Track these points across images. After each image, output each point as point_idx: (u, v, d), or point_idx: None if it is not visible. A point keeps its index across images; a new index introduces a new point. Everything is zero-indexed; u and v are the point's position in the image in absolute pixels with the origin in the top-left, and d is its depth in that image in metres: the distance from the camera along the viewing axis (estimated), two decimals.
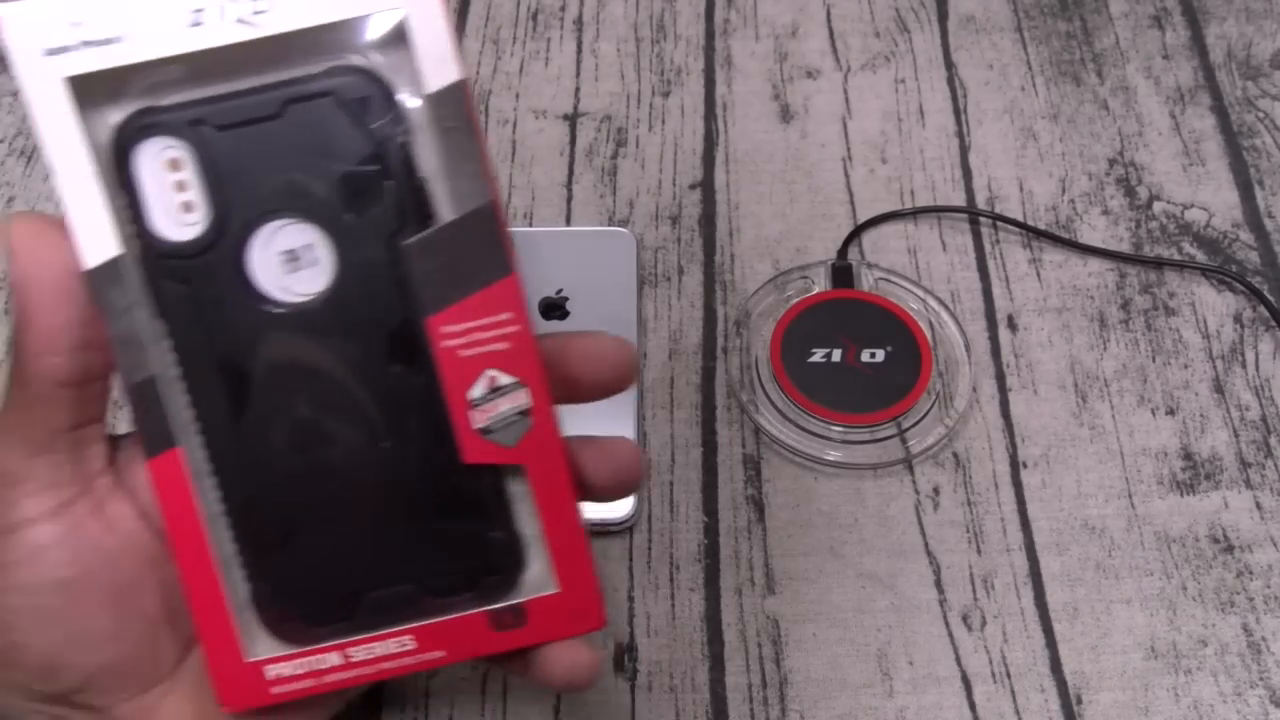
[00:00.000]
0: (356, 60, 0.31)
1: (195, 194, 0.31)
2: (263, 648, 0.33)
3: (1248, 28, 0.62)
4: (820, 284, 0.52)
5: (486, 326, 0.31)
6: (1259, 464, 0.48)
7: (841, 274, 0.52)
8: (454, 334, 0.31)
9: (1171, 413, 0.49)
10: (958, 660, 0.44)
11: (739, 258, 0.54)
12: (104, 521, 0.31)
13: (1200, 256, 0.54)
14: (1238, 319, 0.52)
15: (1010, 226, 0.55)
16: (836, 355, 0.49)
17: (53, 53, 0.30)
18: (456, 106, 0.31)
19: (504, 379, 0.32)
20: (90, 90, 0.30)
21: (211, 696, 0.33)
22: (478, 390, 0.32)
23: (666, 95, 0.59)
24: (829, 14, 0.63)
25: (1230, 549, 0.46)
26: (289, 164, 0.31)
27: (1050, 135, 0.58)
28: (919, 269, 0.53)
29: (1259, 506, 0.47)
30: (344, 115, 0.31)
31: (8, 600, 0.31)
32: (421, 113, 0.31)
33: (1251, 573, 0.45)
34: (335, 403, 0.32)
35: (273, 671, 0.33)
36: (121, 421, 0.44)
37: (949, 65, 0.61)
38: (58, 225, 0.30)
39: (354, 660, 0.33)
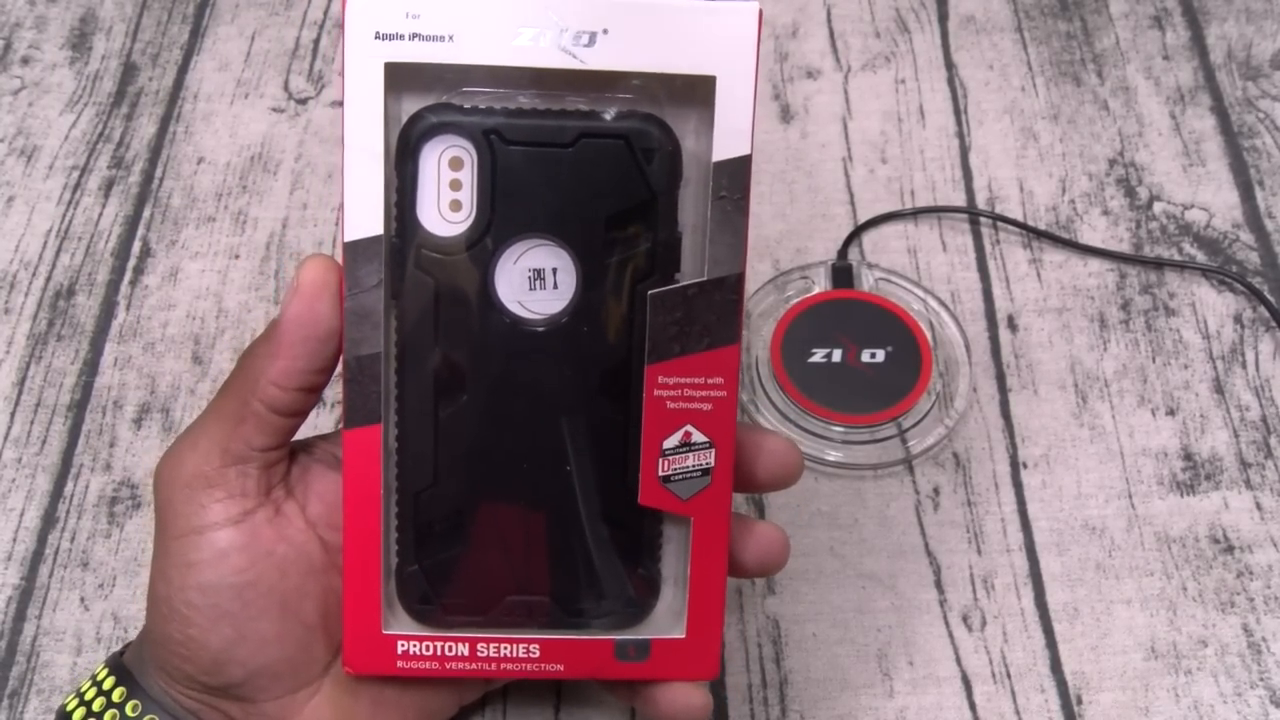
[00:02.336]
0: (653, 110, 0.33)
1: (467, 195, 0.32)
2: (398, 624, 0.35)
3: (1248, 28, 0.62)
4: (820, 284, 0.52)
5: (698, 386, 0.33)
6: (1259, 464, 0.48)
7: (842, 274, 0.52)
8: (667, 385, 0.33)
9: (1172, 413, 0.49)
10: (958, 660, 0.44)
11: None
12: (277, 530, 0.34)
13: (1200, 257, 0.54)
14: (1238, 319, 0.52)
15: (1010, 227, 0.55)
16: (837, 355, 0.49)
17: (383, 37, 0.31)
18: (736, 179, 0.32)
19: (699, 437, 0.34)
20: (403, 79, 0.32)
21: (349, 701, 0.35)
22: (671, 441, 0.34)
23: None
24: (829, 14, 0.63)
25: (1230, 549, 0.46)
26: (564, 191, 0.33)
27: (1050, 135, 0.58)
28: (919, 269, 0.53)
29: (1259, 507, 0.47)
30: (629, 160, 0.32)
31: (189, 597, 0.33)
32: (698, 171, 0.33)
33: (1251, 573, 0.45)
34: (535, 418, 0.34)
35: (402, 647, 0.34)
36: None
37: (949, 65, 0.61)
38: (339, 276, 0.32)
39: (479, 655, 0.35)
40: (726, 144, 0.32)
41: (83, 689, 0.35)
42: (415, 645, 0.35)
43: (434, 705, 0.37)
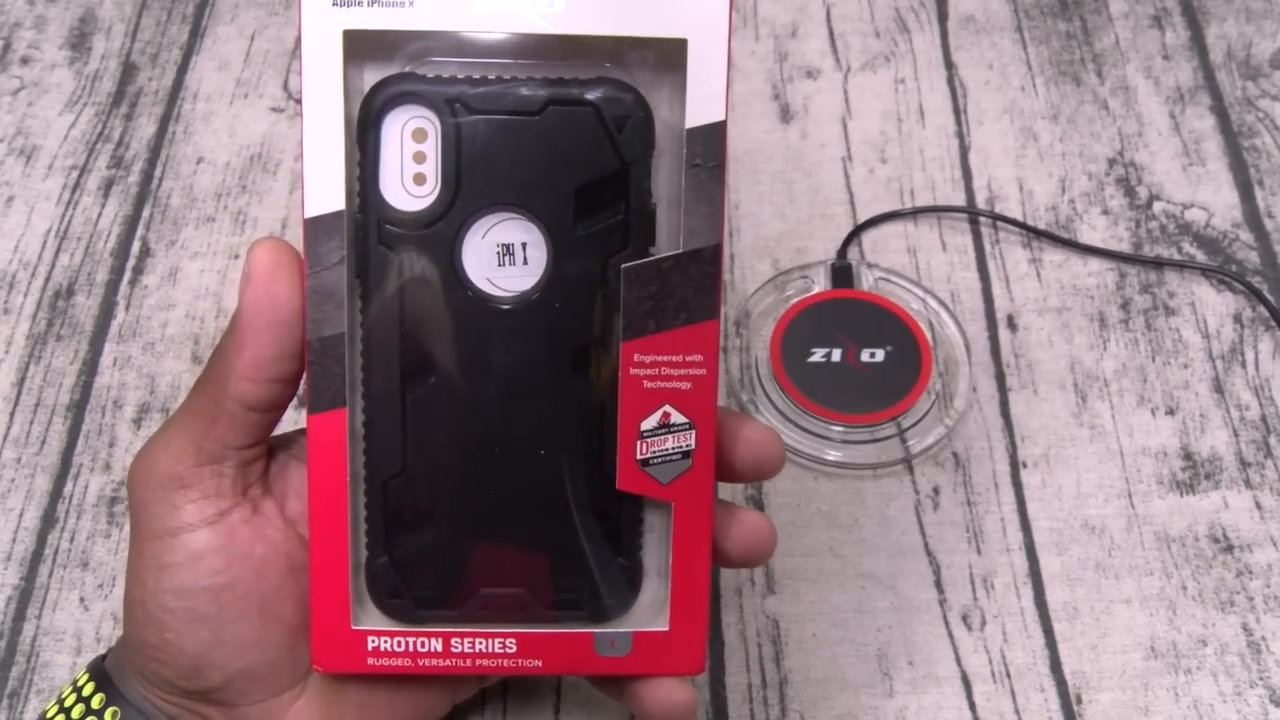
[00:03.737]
0: (624, 78, 0.31)
1: (431, 168, 0.31)
2: (369, 620, 0.33)
3: (1248, 28, 0.62)
4: (820, 284, 0.52)
5: (676, 364, 0.32)
6: (1259, 464, 0.48)
7: (841, 274, 0.52)
8: (644, 363, 0.32)
9: (1171, 412, 0.49)
10: (958, 660, 0.44)
11: (739, 258, 0.54)
12: (255, 530, 0.33)
13: (1200, 256, 0.54)
14: (1237, 319, 0.52)
15: (1010, 226, 0.55)
16: (836, 355, 0.49)
17: (340, 4, 0.30)
18: (711, 146, 0.31)
19: (678, 417, 0.32)
20: (362, 47, 0.31)
21: (335, 702, 0.34)
22: (650, 422, 0.32)
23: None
24: (829, 14, 0.63)
25: (1230, 549, 0.46)
26: (532, 161, 0.31)
27: (1050, 135, 0.58)
28: (919, 269, 0.53)
29: (1259, 506, 0.47)
30: (600, 129, 0.31)
31: (163, 600, 0.32)
32: (671, 141, 0.31)
33: (1251, 572, 0.45)
34: (507, 401, 0.32)
35: (373, 643, 0.33)
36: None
37: (949, 65, 0.61)
38: (296, 259, 0.31)
39: (454, 651, 0.33)
40: (700, 110, 0.31)
41: (64, 695, 0.35)
42: (386, 641, 0.33)
43: (426, 705, 0.36)
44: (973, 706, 0.43)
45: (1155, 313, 0.52)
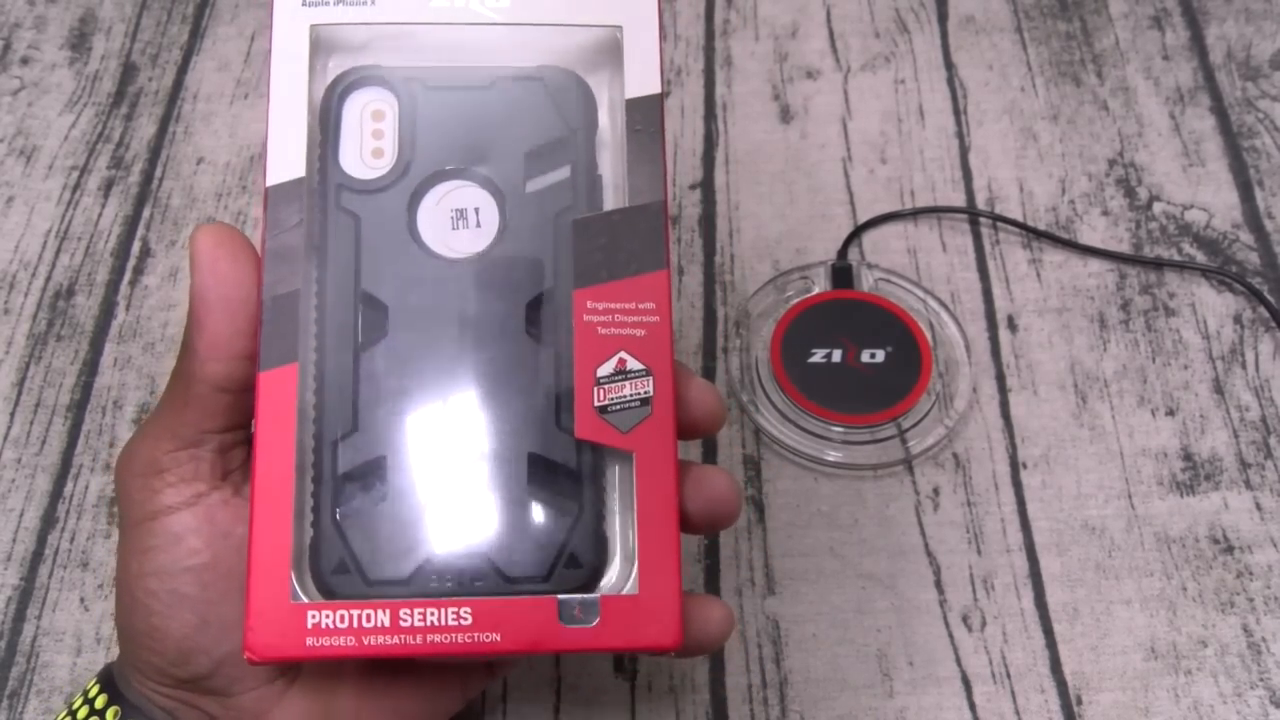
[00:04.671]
0: (565, 67, 0.34)
1: (389, 143, 0.33)
2: (310, 594, 0.31)
3: (1247, 28, 0.62)
4: (820, 284, 0.52)
5: (630, 311, 0.32)
6: (1259, 464, 0.48)
7: (841, 274, 0.52)
8: (597, 310, 0.32)
9: (1171, 413, 0.49)
10: (958, 661, 0.44)
11: (739, 258, 0.54)
12: (235, 512, 0.33)
13: (1200, 257, 0.54)
14: (1237, 320, 0.52)
15: (1010, 227, 0.55)
16: (836, 356, 0.49)
17: (309, 4, 0.34)
18: (650, 114, 0.33)
19: (634, 364, 0.32)
20: (328, 48, 0.34)
21: (328, 689, 0.33)
22: (606, 368, 0.32)
23: (666, 95, 0.59)
24: (829, 14, 0.63)
25: (1230, 549, 0.46)
26: (482, 131, 0.33)
27: (1050, 136, 0.58)
28: (919, 269, 0.53)
29: (1259, 507, 0.47)
30: (545, 100, 0.34)
31: (147, 584, 0.32)
32: (615, 118, 0.34)
33: (1251, 573, 0.45)
34: (460, 354, 0.32)
35: (314, 619, 0.30)
36: None
37: (949, 66, 0.61)
38: (239, 238, 0.32)
39: (402, 626, 0.30)
40: (637, 84, 0.33)
41: (74, 705, 0.35)
42: (329, 617, 0.30)
43: (428, 696, 0.35)
44: (973, 707, 0.43)
45: (1155, 313, 0.52)
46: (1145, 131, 0.58)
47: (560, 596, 0.31)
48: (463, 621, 0.31)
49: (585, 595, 0.31)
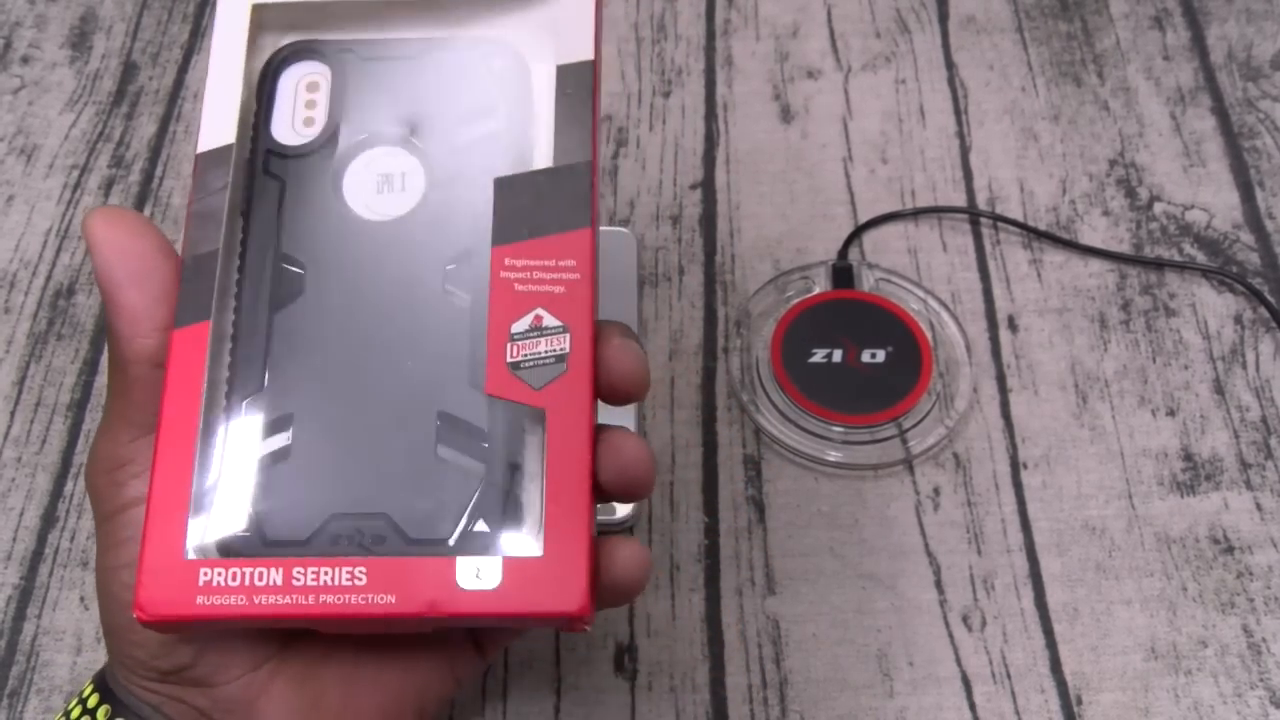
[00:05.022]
0: (500, 35, 0.35)
1: (320, 113, 0.34)
2: (205, 552, 0.30)
3: (1248, 29, 0.62)
4: (821, 284, 0.52)
5: (550, 269, 0.32)
6: (1259, 465, 0.48)
7: (842, 274, 0.52)
8: (515, 267, 0.32)
9: (1172, 413, 0.49)
10: (958, 661, 0.44)
11: (739, 258, 0.54)
12: None
13: (1201, 257, 0.54)
14: (1238, 320, 0.52)
15: (1011, 227, 0.55)
16: (837, 355, 0.49)
17: None
18: (581, 79, 0.34)
19: (551, 320, 0.31)
20: (265, 21, 0.34)
21: (316, 675, 0.33)
22: (521, 325, 0.31)
23: (667, 95, 0.59)
24: (829, 14, 0.63)
25: (1230, 550, 0.46)
26: (413, 99, 0.34)
27: (1051, 136, 0.58)
28: (919, 269, 0.53)
29: (1259, 507, 0.47)
30: (476, 66, 0.34)
31: (120, 577, 0.32)
32: (546, 84, 0.34)
33: (1252, 574, 0.45)
34: (375, 314, 0.32)
35: (205, 577, 0.29)
36: None
37: (949, 66, 0.61)
38: (135, 214, 0.32)
39: (295, 584, 0.29)
40: (570, 51, 0.34)
41: (69, 707, 0.34)
42: (220, 574, 0.29)
43: (419, 680, 0.34)
44: (973, 707, 0.43)
45: (1156, 314, 0.52)
46: (1146, 132, 0.58)
47: (460, 558, 0.29)
48: (357, 581, 0.29)
49: (485, 557, 0.29)
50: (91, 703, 0.34)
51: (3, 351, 0.51)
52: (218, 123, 0.33)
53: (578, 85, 0.33)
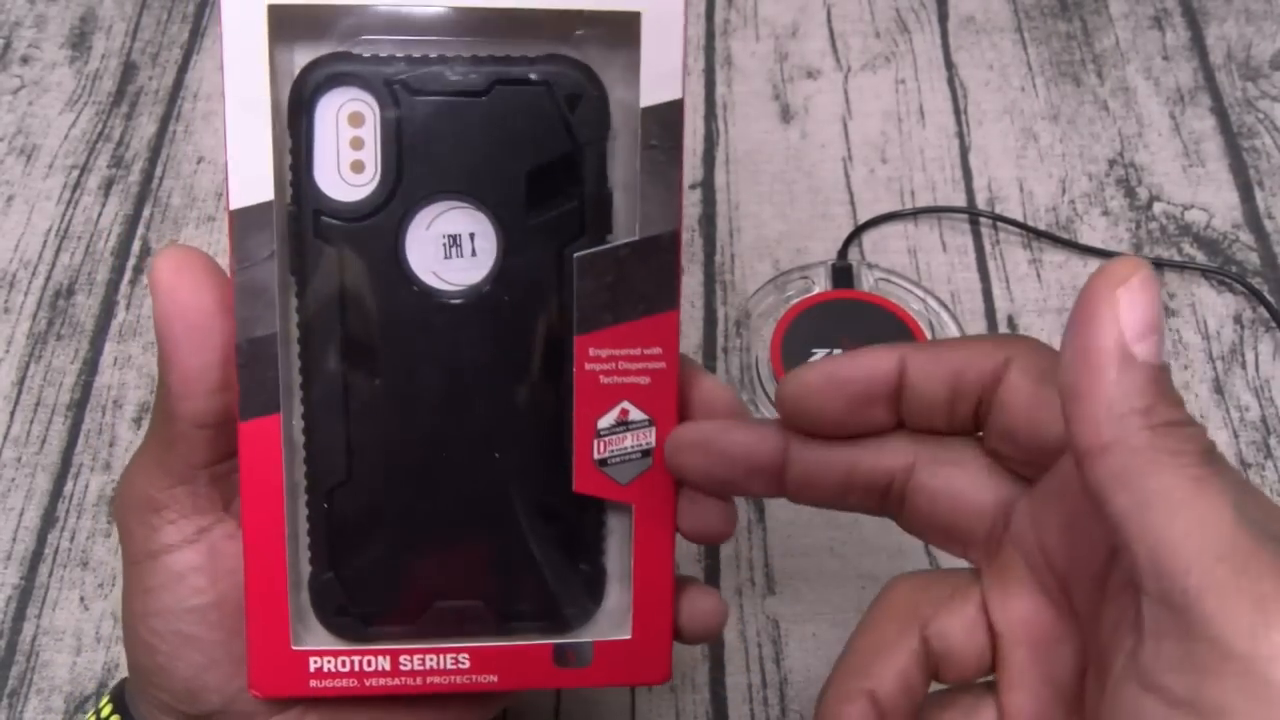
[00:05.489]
0: (575, 54, 0.29)
1: (370, 155, 0.29)
2: (311, 639, 0.31)
3: (1248, 29, 0.62)
4: (820, 284, 0.52)
5: (634, 358, 0.30)
6: (1259, 465, 0.48)
7: (842, 274, 0.52)
8: (600, 358, 0.30)
9: None
10: None
11: (739, 258, 0.54)
12: (239, 545, 0.31)
13: (1200, 257, 0.54)
14: (1238, 320, 0.52)
15: (1010, 227, 0.55)
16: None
17: None
18: (668, 127, 0.29)
19: (636, 414, 0.31)
20: (289, 25, 0.29)
21: (347, 718, 0.33)
22: (607, 420, 0.31)
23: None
24: (829, 14, 0.63)
25: None
26: (479, 145, 0.29)
27: (1050, 136, 0.58)
28: (919, 269, 0.53)
29: None
30: (552, 108, 0.29)
31: (151, 624, 0.31)
32: (627, 121, 0.30)
33: None
34: (457, 402, 0.31)
35: (315, 664, 0.31)
36: None
37: (949, 66, 0.61)
38: (202, 260, 0.30)
39: (402, 669, 0.31)
40: (655, 88, 0.29)
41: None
42: (330, 662, 0.31)
43: (449, 717, 0.34)
44: None
45: None
46: (1145, 132, 0.58)
47: (555, 642, 0.32)
48: (461, 665, 0.31)
49: (578, 641, 0.32)
50: None
51: (3, 351, 0.51)
52: (249, 171, 0.29)
53: (664, 135, 0.29)
